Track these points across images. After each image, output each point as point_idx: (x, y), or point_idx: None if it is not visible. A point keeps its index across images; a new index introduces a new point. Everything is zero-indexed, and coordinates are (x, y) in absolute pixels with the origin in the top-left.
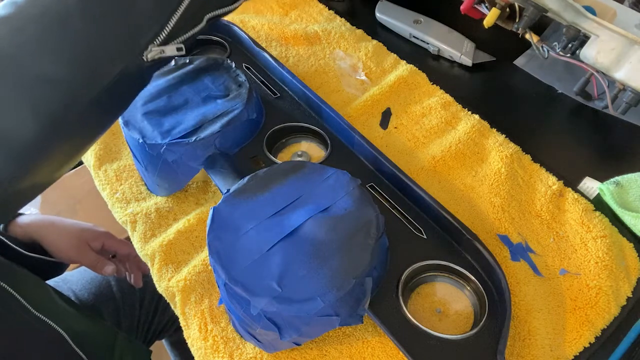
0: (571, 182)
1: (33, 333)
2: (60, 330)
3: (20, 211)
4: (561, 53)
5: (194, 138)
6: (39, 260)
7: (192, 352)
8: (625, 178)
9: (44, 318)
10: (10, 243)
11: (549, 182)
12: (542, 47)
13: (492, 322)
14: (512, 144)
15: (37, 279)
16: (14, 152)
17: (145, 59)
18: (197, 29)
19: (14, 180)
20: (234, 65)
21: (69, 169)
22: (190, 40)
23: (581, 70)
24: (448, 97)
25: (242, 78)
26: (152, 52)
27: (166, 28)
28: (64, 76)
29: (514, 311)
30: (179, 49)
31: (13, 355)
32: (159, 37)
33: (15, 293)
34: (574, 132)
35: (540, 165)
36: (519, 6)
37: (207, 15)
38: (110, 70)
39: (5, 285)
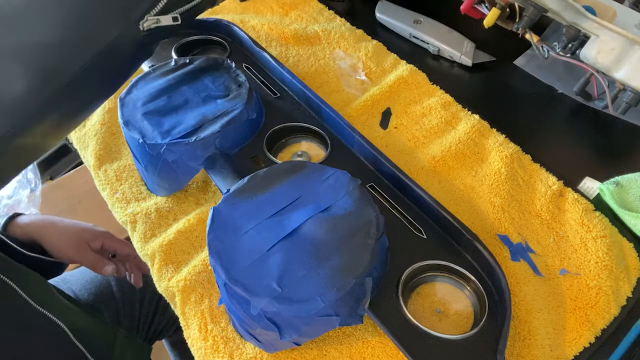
0: (571, 182)
1: (35, 326)
2: (62, 325)
3: (20, 211)
4: (561, 53)
5: (194, 138)
6: (38, 260)
7: (192, 352)
8: (625, 178)
9: (46, 312)
10: (10, 242)
11: (549, 182)
12: (542, 47)
13: (492, 322)
14: (512, 144)
15: (38, 275)
16: (6, 108)
17: (141, 28)
18: (194, 3)
19: (8, 136)
20: (234, 65)
21: (64, 137)
22: (187, 14)
23: (581, 70)
24: (448, 97)
25: (242, 78)
26: (148, 22)
27: (161, 2)
28: (57, 38)
29: (514, 311)
30: (174, 19)
31: (15, 348)
32: (155, 8)
33: (16, 287)
34: (574, 132)
35: (540, 165)
36: (519, 6)
37: None
38: (104, 36)
39: (7, 279)
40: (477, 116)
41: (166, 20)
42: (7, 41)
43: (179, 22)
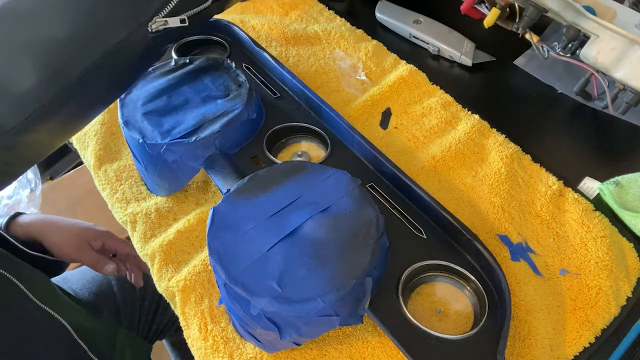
0: (571, 182)
1: (37, 323)
2: (64, 322)
3: (21, 211)
4: (561, 53)
5: (194, 138)
6: (40, 259)
7: (192, 352)
8: (625, 178)
9: (48, 309)
10: (11, 239)
11: (549, 182)
12: (542, 47)
13: (492, 322)
14: (512, 144)
15: (41, 273)
16: (16, 101)
17: (149, 30)
18: (202, 7)
19: (16, 130)
20: (234, 65)
21: (71, 136)
22: (195, 18)
23: (581, 70)
24: (448, 97)
25: (242, 78)
26: (156, 23)
27: (171, 2)
28: (66, 35)
29: (514, 311)
30: (182, 21)
31: (17, 344)
32: (163, 10)
33: (19, 283)
34: (574, 132)
35: (540, 165)
36: (519, 6)
37: None
38: (113, 36)
39: (9, 275)
40: (477, 116)
41: (174, 22)
42: (19, 36)
43: (187, 25)
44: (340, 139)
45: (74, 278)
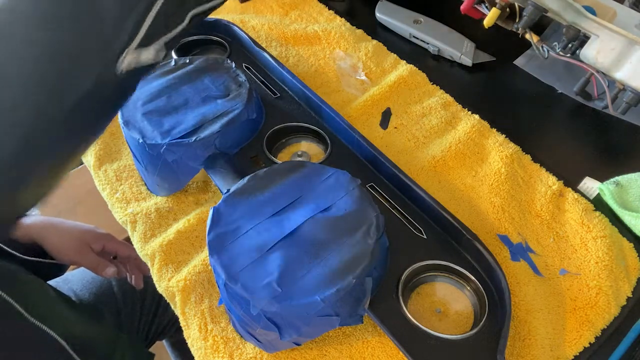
0: (571, 182)
1: (29, 341)
2: (58, 338)
3: None
4: (561, 53)
5: (194, 138)
6: (38, 262)
7: (192, 352)
8: (625, 178)
9: (41, 325)
10: (8, 249)
11: (549, 182)
12: (542, 47)
13: (492, 322)
14: (512, 144)
15: (36, 282)
16: None
17: (119, 70)
18: (179, 29)
19: None
20: (234, 65)
21: (57, 186)
22: (173, 42)
23: (581, 70)
24: (448, 97)
25: (242, 78)
26: (128, 58)
27: (141, 31)
28: (20, 100)
29: (514, 311)
30: (159, 52)
31: None
32: (133, 41)
33: (11, 300)
34: (574, 132)
35: (540, 165)
36: (519, 6)
37: (190, 13)
38: (78, 87)
39: (2, 293)
40: (477, 116)
41: (147, 57)
42: None
43: (165, 53)
44: (340, 139)
45: (75, 279)
